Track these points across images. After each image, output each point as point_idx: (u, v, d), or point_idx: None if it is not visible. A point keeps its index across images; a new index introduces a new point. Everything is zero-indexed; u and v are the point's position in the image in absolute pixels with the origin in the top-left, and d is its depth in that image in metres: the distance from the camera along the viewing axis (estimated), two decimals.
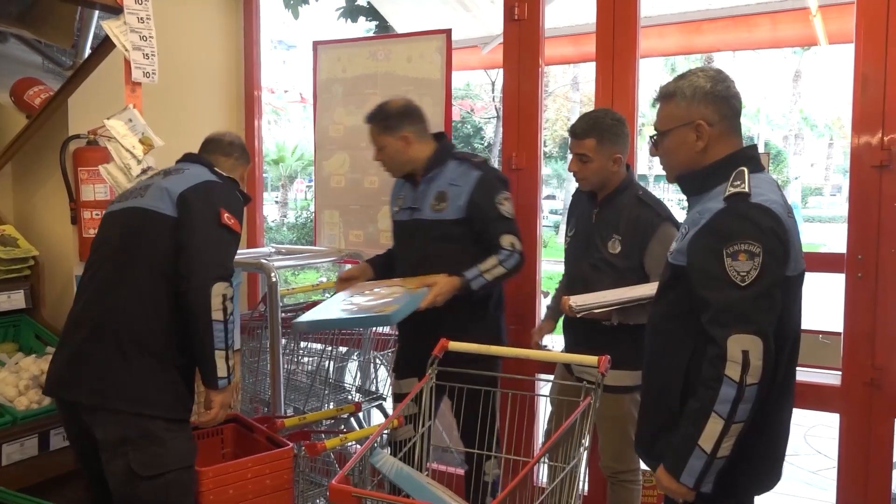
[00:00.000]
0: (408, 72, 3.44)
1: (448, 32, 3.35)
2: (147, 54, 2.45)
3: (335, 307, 2.55)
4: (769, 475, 1.85)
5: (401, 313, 2.41)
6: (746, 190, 1.70)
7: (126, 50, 2.41)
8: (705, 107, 1.80)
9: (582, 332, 2.57)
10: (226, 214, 2.09)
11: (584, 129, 2.53)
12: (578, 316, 2.36)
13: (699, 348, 1.72)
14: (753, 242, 1.64)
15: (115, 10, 2.41)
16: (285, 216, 17.55)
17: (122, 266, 2.09)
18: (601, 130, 2.51)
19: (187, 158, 2.36)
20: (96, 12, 3.22)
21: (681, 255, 1.79)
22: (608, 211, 2.57)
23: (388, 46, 3.52)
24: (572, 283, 2.65)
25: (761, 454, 1.80)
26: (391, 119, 2.67)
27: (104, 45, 2.60)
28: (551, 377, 2.95)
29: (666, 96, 1.86)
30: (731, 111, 1.82)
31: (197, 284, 2.00)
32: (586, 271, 2.58)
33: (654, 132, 1.90)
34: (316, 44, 3.69)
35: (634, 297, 2.35)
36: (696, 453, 1.66)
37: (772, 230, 1.67)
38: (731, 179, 1.74)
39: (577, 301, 2.38)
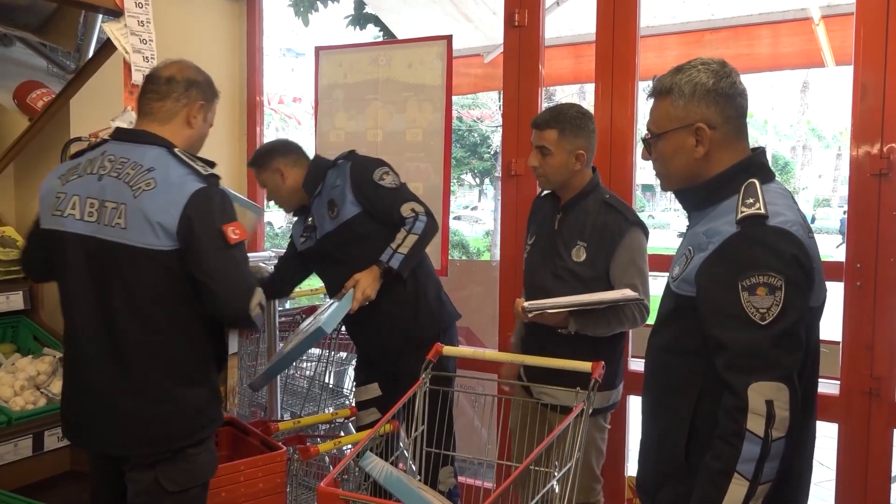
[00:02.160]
0: (408, 78, 3.46)
1: (449, 39, 3.37)
2: (147, 57, 2.47)
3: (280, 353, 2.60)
4: None
5: (331, 320, 2.40)
6: (762, 211, 1.47)
7: (126, 52, 2.42)
8: (707, 107, 1.56)
9: (537, 346, 2.40)
10: (229, 229, 1.85)
11: (546, 119, 2.39)
12: (530, 316, 2.18)
13: (707, 389, 1.52)
14: (774, 274, 1.42)
15: (116, 14, 2.42)
16: (291, 223, 17.62)
17: (132, 309, 1.85)
18: (563, 122, 2.36)
19: (127, 137, 1.94)
20: (99, 17, 3.24)
21: (686, 285, 1.55)
22: (572, 216, 2.41)
23: (389, 52, 3.54)
24: (533, 294, 2.43)
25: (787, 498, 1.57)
26: (261, 157, 2.70)
27: (105, 48, 2.62)
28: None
29: (661, 92, 1.61)
30: (737, 112, 1.58)
31: (236, 321, 1.95)
32: (548, 281, 2.41)
33: (647, 133, 1.66)
34: (318, 49, 3.71)
35: (592, 301, 2.18)
36: None
37: (794, 258, 1.44)
38: (741, 194, 1.51)
39: (530, 303, 2.21)
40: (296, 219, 2.86)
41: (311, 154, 2.80)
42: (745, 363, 1.42)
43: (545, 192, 2.61)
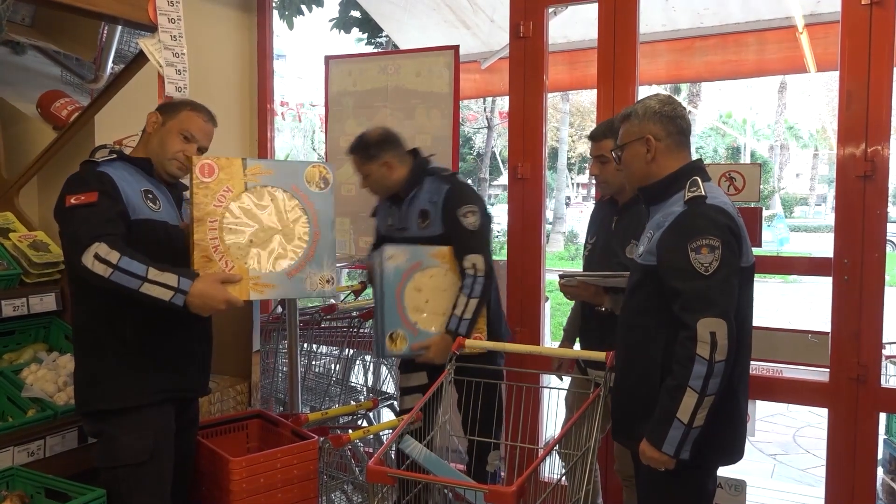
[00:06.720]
0: (417, 86, 3.60)
1: (456, 49, 3.52)
2: (179, 70, 2.60)
3: None
4: (732, 450, 2.08)
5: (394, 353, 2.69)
6: (703, 193, 1.98)
7: (160, 66, 2.55)
8: (654, 124, 2.08)
9: (607, 337, 2.55)
10: (71, 198, 2.12)
11: (602, 130, 2.63)
12: (561, 282, 2.53)
13: (671, 339, 1.92)
14: (712, 237, 1.90)
15: (151, 29, 2.55)
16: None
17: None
18: (618, 131, 2.53)
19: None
20: (118, 28, 3.36)
21: (650, 256, 2.01)
22: (627, 218, 2.62)
23: (397, 61, 3.69)
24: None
25: (725, 431, 2.03)
26: (371, 148, 2.80)
27: (136, 62, 2.74)
28: (551, 374, 3.11)
29: (625, 117, 2.16)
30: (677, 129, 2.08)
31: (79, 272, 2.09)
32: None
33: (617, 147, 2.19)
34: (327, 58, 3.85)
35: (614, 275, 2.46)
36: (675, 424, 1.87)
37: (727, 226, 1.93)
38: (687, 187, 2.00)
39: (564, 271, 2.57)
40: (377, 205, 3.02)
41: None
42: (695, 304, 1.88)
43: (604, 197, 2.82)
